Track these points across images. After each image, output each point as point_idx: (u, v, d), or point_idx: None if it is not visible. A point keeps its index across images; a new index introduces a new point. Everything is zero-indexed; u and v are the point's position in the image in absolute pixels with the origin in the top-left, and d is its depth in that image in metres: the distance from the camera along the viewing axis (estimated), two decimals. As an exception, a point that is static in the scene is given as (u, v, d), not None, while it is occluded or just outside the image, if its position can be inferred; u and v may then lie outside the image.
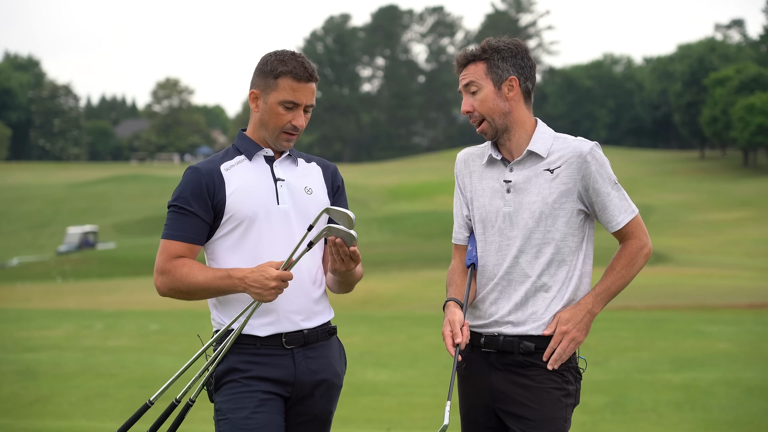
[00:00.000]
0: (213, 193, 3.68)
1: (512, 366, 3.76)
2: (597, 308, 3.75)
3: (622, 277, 3.77)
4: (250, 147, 3.78)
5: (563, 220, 3.74)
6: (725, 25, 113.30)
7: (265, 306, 3.69)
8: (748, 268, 34.53)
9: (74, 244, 53.69)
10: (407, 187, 75.85)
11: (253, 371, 3.67)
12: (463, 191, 3.94)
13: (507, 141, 3.83)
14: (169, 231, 3.67)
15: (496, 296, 3.80)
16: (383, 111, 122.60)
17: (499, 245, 3.80)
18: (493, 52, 3.79)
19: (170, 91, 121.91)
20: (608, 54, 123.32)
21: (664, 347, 15.61)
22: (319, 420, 3.79)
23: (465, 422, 3.91)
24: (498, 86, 3.78)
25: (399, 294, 27.40)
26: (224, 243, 3.72)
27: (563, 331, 3.72)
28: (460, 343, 3.69)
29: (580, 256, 3.79)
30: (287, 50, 3.78)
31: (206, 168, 3.72)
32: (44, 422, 9.52)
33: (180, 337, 17.40)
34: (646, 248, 3.79)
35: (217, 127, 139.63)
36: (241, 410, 3.63)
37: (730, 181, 76.39)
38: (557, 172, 3.75)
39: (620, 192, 3.78)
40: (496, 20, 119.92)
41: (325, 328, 3.81)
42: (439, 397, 11.15)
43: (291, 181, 3.78)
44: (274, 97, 3.71)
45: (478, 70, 3.82)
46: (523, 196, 3.76)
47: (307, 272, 3.75)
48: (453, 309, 3.77)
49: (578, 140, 3.80)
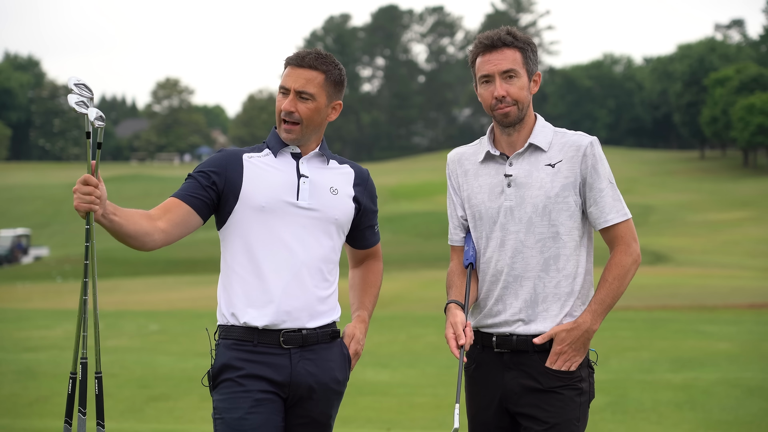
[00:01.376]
0: (226, 175, 3.69)
1: (526, 365, 3.72)
2: (596, 325, 3.68)
3: (615, 289, 3.70)
4: (276, 143, 3.79)
5: (567, 213, 3.70)
6: (725, 25, 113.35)
7: (264, 297, 3.67)
8: (748, 268, 34.52)
9: (6, 248, 51.62)
10: (407, 187, 75.84)
11: (247, 369, 3.64)
12: (457, 191, 3.88)
13: (514, 133, 3.78)
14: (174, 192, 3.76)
15: (501, 293, 3.75)
16: (383, 111, 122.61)
17: (501, 240, 3.74)
18: (526, 44, 3.74)
19: (170, 91, 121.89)
20: (608, 54, 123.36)
21: (664, 347, 15.60)
22: (317, 423, 3.75)
23: (473, 424, 3.86)
24: (530, 79, 3.76)
25: (399, 294, 27.39)
26: (236, 230, 3.72)
27: (558, 351, 3.68)
28: (464, 345, 3.66)
29: (583, 252, 3.75)
30: (315, 48, 3.83)
31: (231, 151, 3.79)
32: (44, 422, 9.52)
33: (180, 337, 17.40)
34: (635, 255, 3.73)
35: (217, 127, 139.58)
36: (236, 410, 3.62)
37: (730, 181, 76.38)
38: (558, 166, 3.71)
39: (615, 192, 3.73)
40: (496, 20, 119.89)
41: (327, 330, 3.76)
42: (439, 397, 11.15)
43: (316, 179, 3.76)
44: (279, 86, 3.78)
45: (517, 58, 3.72)
46: (525, 190, 3.72)
47: (308, 267, 3.71)
48: (454, 311, 3.74)
49: (578, 134, 3.78)
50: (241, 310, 3.68)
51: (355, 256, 4.03)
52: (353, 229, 3.89)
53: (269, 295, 3.67)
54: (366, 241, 3.98)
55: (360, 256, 4.03)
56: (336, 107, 3.85)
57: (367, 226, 3.93)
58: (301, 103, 3.73)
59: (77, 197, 3.39)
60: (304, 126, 3.74)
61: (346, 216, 3.80)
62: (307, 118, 3.74)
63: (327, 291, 3.77)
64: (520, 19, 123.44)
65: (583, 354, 3.70)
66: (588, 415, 3.78)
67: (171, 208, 3.65)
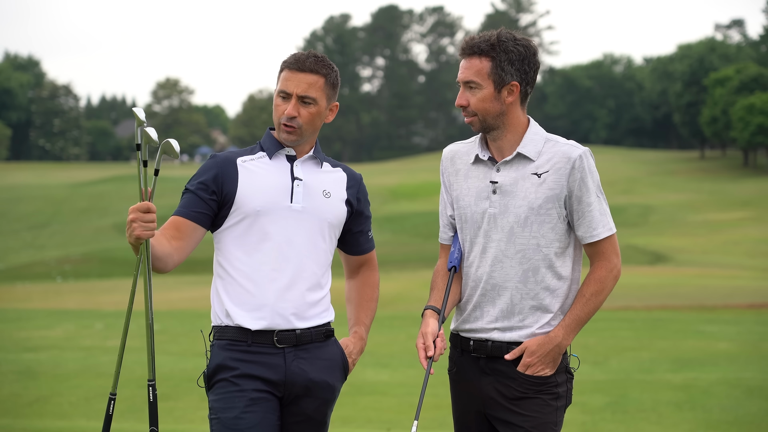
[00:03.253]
0: (222, 182, 3.71)
1: (501, 371, 3.71)
2: (567, 340, 3.66)
3: (591, 304, 3.66)
4: (272, 145, 3.80)
5: (549, 226, 3.66)
6: (725, 25, 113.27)
7: (258, 300, 3.69)
8: (748, 268, 34.50)
9: None
10: (407, 187, 75.76)
11: (241, 369, 3.67)
12: (448, 189, 3.85)
13: (498, 139, 3.74)
14: (176, 210, 3.74)
15: (479, 300, 3.73)
16: (383, 111, 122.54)
17: (483, 247, 3.71)
18: (501, 52, 3.64)
19: (170, 91, 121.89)
20: (608, 54, 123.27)
21: (664, 347, 15.60)
22: (314, 421, 3.77)
23: (458, 426, 3.87)
24: (498, 89, 3.67)
25: (399, 294, 27.38)
26: (230, 234, 3.75)
27: (527, 363, 3.66)
28: (433, 356, 3.64)
29: (568, 262, 3.71)
30: (310, 51, 3.82)
31: (223, 156, 3.78)
32: (44, 422, 9.52)
33: (180, 337, 17.39)
34: (616, 270, 3.69)
35: (217, 127, 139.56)
36: (231, 410, 3.64)
37: (730, 181, 76.33)
38: (545, 176, 3.66)
39: (602, 206, 3.68)
40: (496, 20, 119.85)
41: (321, 329, 3.78)
42: (440, 397, 11.12)
43: (310, 182, 3.78)
44: (277, 89, 3.77)
45: (481, 68, 3.67)
46: (509, 199, 3.68)
47: (301, 269, 3.73)
48: (428, 320, 3.71)
49: (569, 144, 3.70)
50: (235, 312, 3.70)
51: (350, 265, 4.02)
52: (345, 233, 3.90)
53: (263, 298, 3.70)
54: (360, 246, 3.97)
55: (355, 264, 4.02)
56: (333, 108, 3.87)
57: (359, 230, 3.93)
58: (304, 108, 3.76)
59: (139, 226, 3.43)
60: (304, 129, 3.77)
61: (338, 219, 3.82)
62: (308, 123, 3.77)
63: (320, 293, 3.79)
64: (520, 19, 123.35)
65: (553, 367, 3.67)
66: (563, 421, 3.76)
67: (180, 227, 3.69)
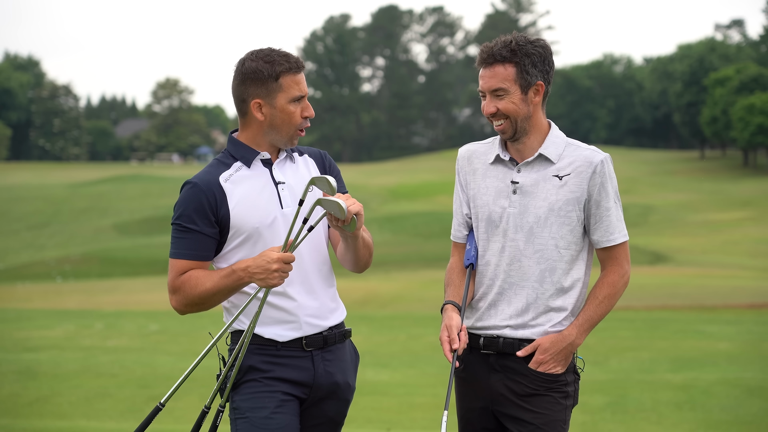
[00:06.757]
0: (215, 208, 3.64)
1: (512, 368, 3.73)
2: (580, 339, 3.72)
3: (604, 306, 3.74)
4: (246, 153, 3.72)
5: (568, 228, 3.71)
6: (725, 25, 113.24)
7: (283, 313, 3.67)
8: (748, 268, 34.49)
9: None
10: (407, 187, 75.75)
11: (274, 372, 3.67)
12: (464, 188, 3.88)
13: (521, 143, 3.78)
14: (175, 250, 3.64)
15: (495, 298, 3.76)
16: (383, 111, 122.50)
17: (501, 246, 3.75)
18: (523, 56, 3.67)
19: (170, 91, 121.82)
20: (608, 54, 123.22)
21: (664, 347, 15.60)
22: (333, 423, 3.81)
23: (462, 423, 3.89)
24: (525, 92, 3.70)
25: (399, 294, 27.36)
26: (234, 256, 3.69)
27: (540, 361, 3.70)
28: (458, 349, 3.66)
29: (581, 265, 3.77)
30: (261, 49, 3.70)
31: (204, 181, 3.66)
32: (44, 422, 9.52)
33: (180, 338, 17.39)
34: (626, 276, 3.77)
35: (217, 127, 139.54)
36: (262, 409, 3.63)
37: (730, 181, 76.33)
38: (566, 179, 3.71)
39: (619, 212, 3.75)
40: (496, 20, 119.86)
41: (341, 330, 3.80)
42: (440, 397, 11.15)
43: (291, 182, 3.76)
44: (283, 98, 3.67)
45: (507, 75, 3.69)
46: (529, 199, 3.72)
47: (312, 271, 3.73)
48: (450, 313, 3.73)
49: (591, 149, 3.76)
50: (263, 328, 3.68)
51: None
52: None
53: (287, 311, 3.68)
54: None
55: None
56: None
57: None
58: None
59: (279, 275, 3.47)
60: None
61: None
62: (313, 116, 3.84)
63: (333, 288, 3.81)
64: (520, 19, 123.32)
65: (564, 366, 3.72)
66: (570, 421, 3.81)
67: (203, 268, 3.68)
